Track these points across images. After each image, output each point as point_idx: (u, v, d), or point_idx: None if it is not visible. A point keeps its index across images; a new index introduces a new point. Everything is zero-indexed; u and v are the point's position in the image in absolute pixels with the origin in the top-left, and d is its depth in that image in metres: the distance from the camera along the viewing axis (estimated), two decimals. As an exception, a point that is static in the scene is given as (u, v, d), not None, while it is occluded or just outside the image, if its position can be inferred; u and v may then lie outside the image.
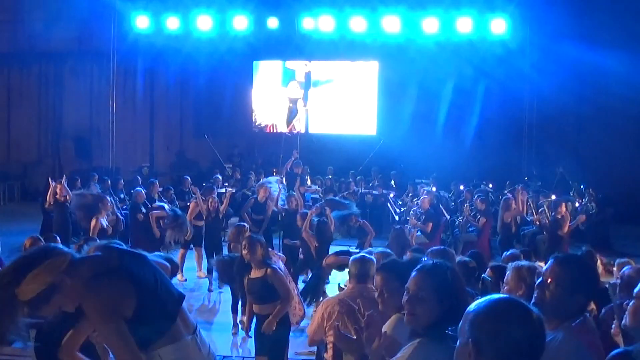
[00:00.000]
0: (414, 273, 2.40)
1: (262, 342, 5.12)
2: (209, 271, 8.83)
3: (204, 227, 9.32)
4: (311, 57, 16.83)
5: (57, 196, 10.24)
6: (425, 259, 3.34)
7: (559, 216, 9.67)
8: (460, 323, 1.76)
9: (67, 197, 10.06)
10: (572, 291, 2.51)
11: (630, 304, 2.83)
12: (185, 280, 9.24)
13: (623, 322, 2.82)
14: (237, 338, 6.85)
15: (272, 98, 17.28)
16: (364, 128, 17.26)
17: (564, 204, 10.26)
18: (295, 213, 8.94)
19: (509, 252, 5.85)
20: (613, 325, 3.53)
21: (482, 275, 4.33)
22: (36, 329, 3.44)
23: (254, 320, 5.37)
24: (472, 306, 1.76)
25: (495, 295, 1.82)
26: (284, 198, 9.70)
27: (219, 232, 9.52)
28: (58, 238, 6.27)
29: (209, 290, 8.83)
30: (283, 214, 9.67)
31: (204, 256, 9.35)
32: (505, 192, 14.53)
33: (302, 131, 16.66)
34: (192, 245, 9.46)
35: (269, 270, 5.08)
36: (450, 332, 1.80)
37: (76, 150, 17.95)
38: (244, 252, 5.13)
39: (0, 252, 8.57)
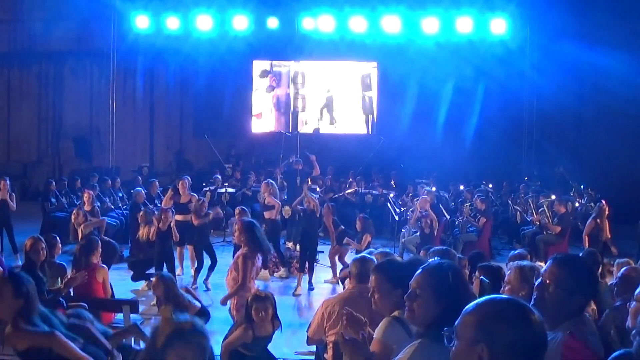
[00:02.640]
0: (418, 271, 2.42)
1: None
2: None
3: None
4: (311, 57, 16.81)
5: None
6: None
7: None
8: (457, 323, 1.75)
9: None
10: (571, 292, 2.52)
11: (632, 305, 2.83)
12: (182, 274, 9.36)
13: (627, 323, 2.83)
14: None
15: (268, 98, 17.29)
16: (363, 127, 17.27)
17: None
18: (313, 213, 9.26)
19: (515, 252, 5.88)
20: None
21: (481, 277, 4.33)
22: None
23: None
24: (471, 306, 1.75)
25: (496, 296, 1.81)
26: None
27: (207, 231, 9.56)
28: (58, 238, 6.23)
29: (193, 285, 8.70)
30: (301, 214, 9.94)
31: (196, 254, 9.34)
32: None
33: (301, 131, 16.63)
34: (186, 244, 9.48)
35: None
36: (445, 332, 1.79)
37: (76, 150, 17.94)
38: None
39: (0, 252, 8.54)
